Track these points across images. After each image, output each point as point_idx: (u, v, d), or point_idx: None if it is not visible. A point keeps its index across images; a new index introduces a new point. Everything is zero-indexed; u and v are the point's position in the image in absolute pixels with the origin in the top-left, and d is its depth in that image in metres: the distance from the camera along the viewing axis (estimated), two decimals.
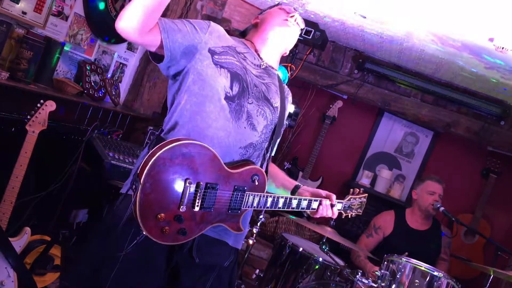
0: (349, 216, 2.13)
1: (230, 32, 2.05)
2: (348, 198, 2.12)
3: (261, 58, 1.92)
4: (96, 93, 3.41)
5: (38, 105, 2.53)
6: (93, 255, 1.76)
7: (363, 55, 4.73)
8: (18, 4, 2.77)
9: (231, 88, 1.74)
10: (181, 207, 1.59)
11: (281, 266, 3.24)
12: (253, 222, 3.28)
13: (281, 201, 1.84)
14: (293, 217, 3.67)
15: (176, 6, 3.85)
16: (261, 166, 1.86)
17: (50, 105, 2.55)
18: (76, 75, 3.37)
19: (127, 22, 1.57)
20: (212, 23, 1.81)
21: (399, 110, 4.77)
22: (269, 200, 1.80)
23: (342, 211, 2.08)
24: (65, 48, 3.18)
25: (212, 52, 1.75)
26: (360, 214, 2.18)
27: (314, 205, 1.95)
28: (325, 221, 4.12)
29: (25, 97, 2.80)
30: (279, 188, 2.05)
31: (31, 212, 2.91)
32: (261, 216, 3.35)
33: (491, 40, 2.84)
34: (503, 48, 2.76)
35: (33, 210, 2.92)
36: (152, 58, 1.77)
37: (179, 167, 1.56)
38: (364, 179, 5.08)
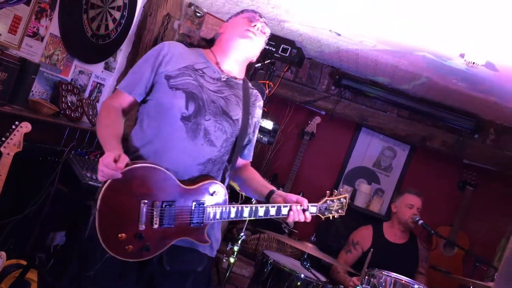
0: (331, 218, 2.06)
1: (195, 42, 2.07)
2: (324, 200, 2.05)
3: (222, 71, 1.96)
4: (73, 113, 3.38)
5: (13, 126, 2.49)
6: (69, 277, 1.83)
7: (340, 72, 4.80)
8: None
9: (187, 108, 1.80)
10: (140, 226, 1.69)
11: (263, 283, 3.21)
12: (234, 240, 3.27)
13: (246, 210, 1.85)
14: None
15: (154, 26, 3.86)
16: (223, 178, 1.90)
17: (25, 127, 2.51)
18: (52, 95, 3.34)
19: None
20: (167, 47, 1.90)
21: (376, 125, 4.84)
22: (233, 211, 1.83)
23: (319, 214, 2.03)
24: (41, 68, 3.15)
25: (167, 78, 1.84)
26: (343, 215, 2.09)
27: (285, 211, 1.91)
28: (306, 237, 4.13)
29: None
30: (255, 194, 2.06)
31: (7, 236, 2.85)
32: (242, 234, 3.34)
33: (462, 55, 2.92)
34: (474, 63, 2.83)
35: (8, 233, 2.86)
36: None
37: (133, 189, 1.67)
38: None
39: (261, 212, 1.88)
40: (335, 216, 2.07)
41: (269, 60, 4.18)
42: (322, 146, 5.18)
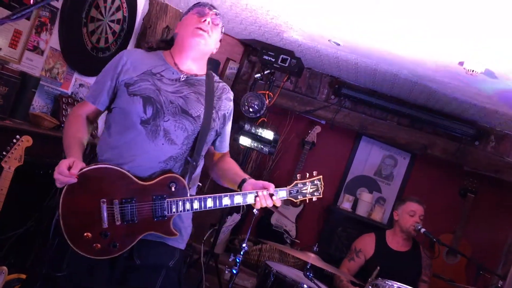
0: (307, 201, 2.04)
1: (154, 45, 2.10)
2: (294, 183, 2.01)
3: (181, 71, 2.00)
4: None
5: (14, 140, 2.49)
6: (43, 278, 1.91)
7: (339, 81, 4.81)
8: None
9: (145, 112, 1.88)
10: (103, 224, 1.80)
11: None
12: (236, 251, 3.26)
13: (210, 200, 1.89)
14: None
15: (153, 38, 3.88)
16: (186, 172, 1.93)
17: (27, 140, 2.52)
18: (52, 109, 3.34)
19: None
20: (125, 56, 1.97)
21: (377, 133, 4.84)
22: (196, 202, 1.88)
23: (290, 198, 2.00)
24: (41, 82, 3.16)
25: (127, 86, 1.92)
26: (320, 197, 2.05)
27: (251, 198, 1.92)
28: (308, 247, 4.11)
29: (0, 133, 2.75)
30: (229, 185, 2.07)
31: (8, 250, 2.84)
32: (244, 245, 3.32)
33: (461, 64, 2.92)
34: (473, 71, 2.84)
35: (10, 248, 2.85)
36: None
37: (90, 190, 1.80)
38: (346, 203, 5.11)
39: (225, 201, 1.91)
40: (313, 199, 2.03)
41: (269, 71, 4.20)
42: (322, 155, 5.18)
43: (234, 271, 3.29)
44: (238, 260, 3.30)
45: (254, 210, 3.27)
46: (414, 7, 2.36)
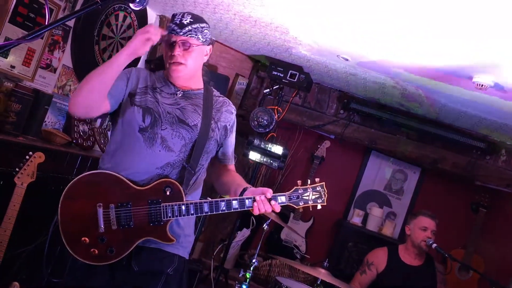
0: (310, 208, 2.00)
1: (153, 66, 2.18)
2: (293, 189, 1.99)
3: (177, 87, 2.06)
4: (85, 142, 3.42)
5: (27, 157, 2.52)
6: (42, 284, 1.98)
7: (348, 95, 4.83)
8: (6, 58, 2.81)
9: (143, 121, 1.95)
10: (99, 228, 1.85)
11: None
12: (246, 266, 3.25)
13: (206, 205, 1.90)
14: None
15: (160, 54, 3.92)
16: (182, 178, 1.96)
17: (39, 157, 2.55)
18: (64, 125, 3.39)
19: (77, 110, 1.92)
20: (134, 71, 2.07)
21: (386, 148, 4.83)
22: (191, 207, 1.90)
23: (290, 204, 1.98)
24: (53, 99, 3.21)
25: (131, 96, 2.01)
26: (325, 204, 2.00)
27: (249, 203, 1.91)
28: (318, 262, 4.09)
29: (13, 149, 2.79)
30: (232, 196, 2.05)
31: (20, 266, 2.85)
32: (254, 260, 3.31)
33: (470, 78, 2.92)
34: (482, 85, 2.84)
35: (21, 263, 2.86)
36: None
37: (87, 195, 1.86)
38: (356, 217, 5.08)
39: (223, 206, 1.91)
40: (317, 207, 2.00)
41: (278, 86, 4.23)
42: (332, 170, 5.17)
43: (244, 287, 3.28)
44: (248, 276, 3.29)
45: (264, 226, 3.27)
46: (424, 21, 2.38)
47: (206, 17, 3.51)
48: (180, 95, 2.05)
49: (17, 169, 2.49)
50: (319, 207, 2.01)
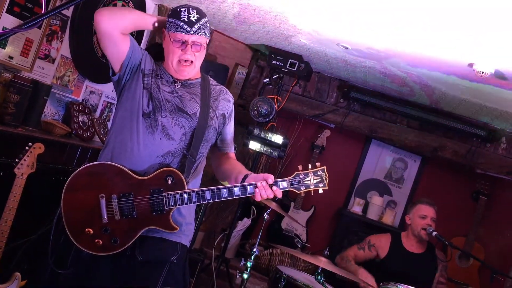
0: (312, 193, 1.98)
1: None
2: (295, 174, 1.97)
3: (176, 77, 2.06)
4: (84, 133, 3.42)
5: (27, 148, 2.52)
6: (46, 274, 1.97)
7: (348, 84, 4.81)
8: (4, 49, 2.80)
9: (148, 106, 1.96)
10: (103, 219, 1.87)
11: None
12: (246, 256, 3.26)
13: (208, 193, 1.90)
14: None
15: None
16: (183, 166, 1.96)
17: (39, 148, 2.55)
18: (64, 116, 3.38)
19: (110, 23, 1.90)
20: (147, 52, 2.08)
21: (386, 136, 4.82)
22: (193, 195, 1.90)
23: (291, 189, 1.96)
24: (52, 89, 3.20)
25: (142, 73, 2.01)
26: (326, 188, 1.98)
27: (250, 189, 1.91)
28: (319, 251, 4.10)
29: (13, 140, 2.79)
30: (233, 183, 2.05)
31: (21, 257, 2.86)
32: (254, 249, 3.32)
33: (470, 65, 2.91)
34: (483, 72, 2.82)
35: (23, 254, 2.87)
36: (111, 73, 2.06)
37: (90, 186, 1.88)
38: (356, 206, 5.09)
39: (224, 193, 1.91)
40: (319, 191, 1.98)
41: (277, 75, 4.21)
42: (332, 159, 5.16)
43: (246, 276, 3.29)
44: (249, 265, 3.30)
45: (265, 215, 3.27)
46: (426, 11, 2.36)
47: (205, 6, 3.49)
48: (179, 84, 2.06)
49: (17, 160, 2.49)
50: (320, 191, 1.99)
